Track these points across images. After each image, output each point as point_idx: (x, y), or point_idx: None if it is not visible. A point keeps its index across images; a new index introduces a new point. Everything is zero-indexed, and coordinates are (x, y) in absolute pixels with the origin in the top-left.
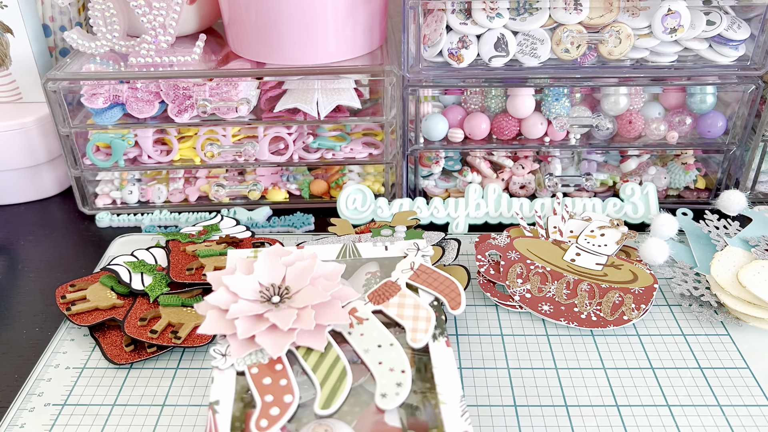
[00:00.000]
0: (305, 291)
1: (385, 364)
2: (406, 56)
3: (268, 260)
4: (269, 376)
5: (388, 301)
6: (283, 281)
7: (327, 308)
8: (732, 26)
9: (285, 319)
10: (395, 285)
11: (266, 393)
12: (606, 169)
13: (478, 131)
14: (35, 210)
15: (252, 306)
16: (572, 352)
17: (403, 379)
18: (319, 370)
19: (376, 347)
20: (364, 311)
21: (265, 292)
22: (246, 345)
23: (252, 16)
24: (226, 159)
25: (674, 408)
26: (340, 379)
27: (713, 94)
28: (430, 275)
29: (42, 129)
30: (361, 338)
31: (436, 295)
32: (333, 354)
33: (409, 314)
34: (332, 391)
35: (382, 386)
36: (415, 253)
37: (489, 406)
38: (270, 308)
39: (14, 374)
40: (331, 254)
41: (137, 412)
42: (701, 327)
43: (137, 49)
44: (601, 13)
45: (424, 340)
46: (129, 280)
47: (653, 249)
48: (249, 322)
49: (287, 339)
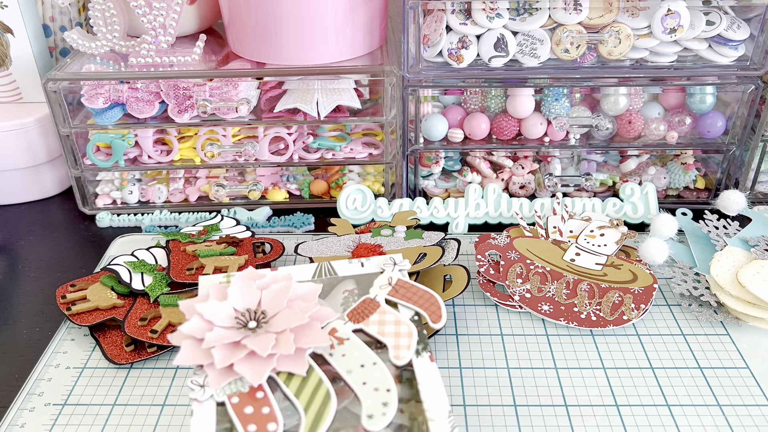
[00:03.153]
0: (282, 314)
1: (369, 384)
2: (406, 56)
3: (242, 284)
4: (251, 404)
5: (368, 319)
6: (258, 305)
7: (306, 330)
8: (731, 26)
9: (263, 344)
10: (374, 302)
11: (249, 422)
12: (606, 169)
13: (478, 131)
14: (36, 210)
15: (228, 333)
16: (572, 352)
17: (388, 398)
18: (302, 395)
19: (359, 367)
20: (344, 331)
21: (240, 318)
22: (225, 374)
23: (252, 16)
24: (226, 159)
25: (674, 408)
26: (325, 403)
27: (713, 94)
28: (409, 290)
29: (42, 129)
30: (343, 359)
31: (416, 310)
32: (315, 377)
33: (390, 331)
34: (317, 416)
35: (367, 407)
36: (392, 268)
37: (489, 406)
38: (247, 334)
39: (14, 374)
40: (307, 274)
41: (137, 412)
42: (701, 327)
43: (137, 49)
44: (601, 14)
45: (407, 356)
46: (129, 280)
47: (653, 249)
48: (226, 350)
49: (267, 365)
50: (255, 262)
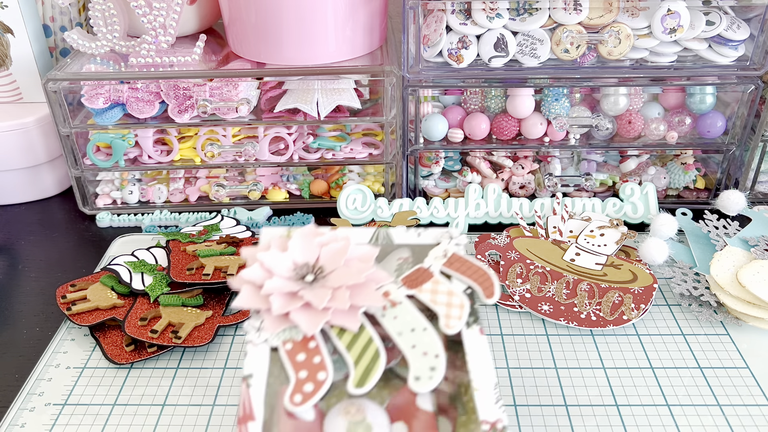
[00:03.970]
0: (339, 271)
1: (418, 348)
2: (406, 56)
3: (302, 239)
4: (303, 352)
5: (422, 287)
6: (317, 261)
7: (361, 289)
8: (731, 26)
9: (320, 297)
10: (428, 271)
11: (300, 369)
12: (605, 169)
13: (478, 131)
14: (36, 210)
15: (286, 283)
16: (572, 352)
17: (436, 363)
18: (352, 350)
19: (410, 331)
20: (397, 295)
21: (299, 271)
22: (280, 321)
23: (252, 16)
24: (227, 159)
25: (674, 408)
26: (374, 360)
27: (713, 94)
28: (463, 264)
29: (42, 129)
30: (394, 321)
31: (469, 284)
32: (366, 335)
33: (442, 300)
34: (366, 371)
35: (415, 369)
36: (448, 241)
37: None
38: (304, 286)
39: (15, 374)
40: (364, 238)
41: (137, 411)
42: (701, 327)
43: (137, 49)
44: (601, 14)
45: (457, 326)
46: (129, 280)
47: (653, 249)
48: (283, 298)
49: (322, 317)
50: None
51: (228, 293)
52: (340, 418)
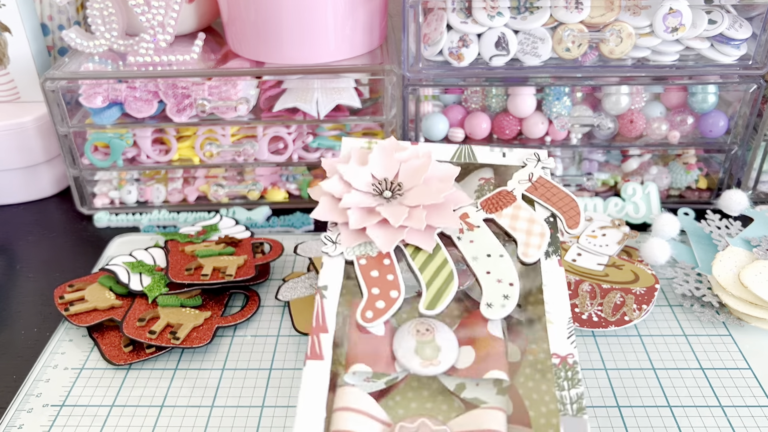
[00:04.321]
0: (418, 190)
1: (493, 274)
2: (406, 55)
3: (383, 153)
4: (377, 269)
5: (501, 211)
6: (396, 177)
7: (438, 210)
8: (733, 25)
9: (396, 215)
10: (510, 195)
11: (373, 285)
12: (607, 169)
13: (479, 131)
14: (33, 210)
15: (364, 198)
16: None
17: (510, 291)
18: (426, 271)
19: (485, 256)
20: (475, 218)
21: (377, 186)
22: (356, 236)
23: (251, 14)
24: (225, 159)
25: (676, 408)
26: (447, 282)
27: (715, 93)
28: (549, 189)
29: (40, 128)
30: (470, 245)
31: (552, 211)
32: (441, 256)
33: (522, 227)
34: (438, 293)
35: (488, 296)
36: (534, 164)
37: None
38: (381, 202)
39: (12, 375)
40: (447, 155)
41: (136, 413)
42: (703, 327)
43: (136, 48)
44: (603, 12)
45: (536, 255)
46: (128, 281)
47: (655, 249)
48: (361, 213)
49: (397, 235)
50: (254, 262)
51: (227, 294)
52: (410, 336)
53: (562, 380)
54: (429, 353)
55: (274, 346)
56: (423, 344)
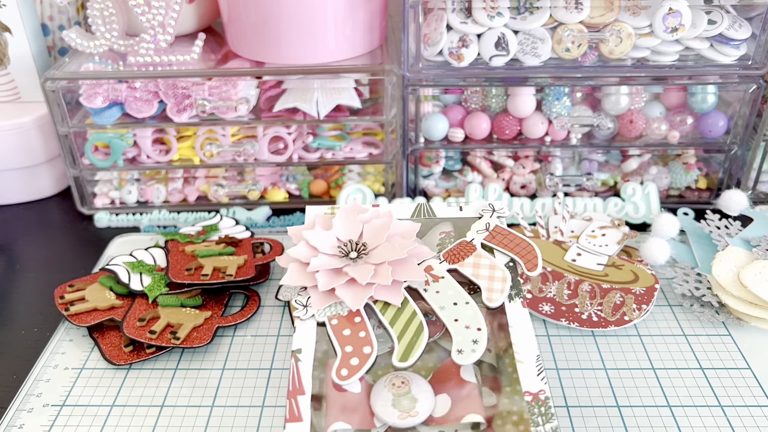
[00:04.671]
0: (382, 248)
1: (461, 321)
2: (406, 55)
3: (345, 217)
4: (348, 327)
5: (464, 261)
6: (360, 237)
7: (403, 265)
8: (733, 25)
9: (363, 273)
10: (470, 245)
11: (346, 344)
12: (607, 169)
13: (479, 131)
14: (34, 210)
15: (331, 260)
16: (573, 353)
17: (479, 336)
18: (396, 324)
19: (452, 305)
20: (439, 269)
21: (343, 248)
22: (326, 297)
23: (251, 15)
24: (226, 159)
25: (675, 408)
26: (417, 334)
27: (714, 93)
28: (506, 236)
29: (40, 129)
30: (436, 295)
31: (511, 257)
32: (410, 309)
33: (484, 274)
34: (409, 345)
35: (458, 342)
36: (490, 214)
37: None
38: (348, 263)
39: (12, 375)
40: (406, 213)
41: (136, 412)
42: (702, 327)
43: (136, 48)
44: (602, 12)
45: (500, 299)
46: (128, 281)
47: (654, 249)
48: (329, 275)
49: (366, 292)
50: (254, 262)
51: (227, 294)
52: (386, 390)
53: (536, 416)
54: (406, 405)
55: (274, 346)
56: (399, 397)
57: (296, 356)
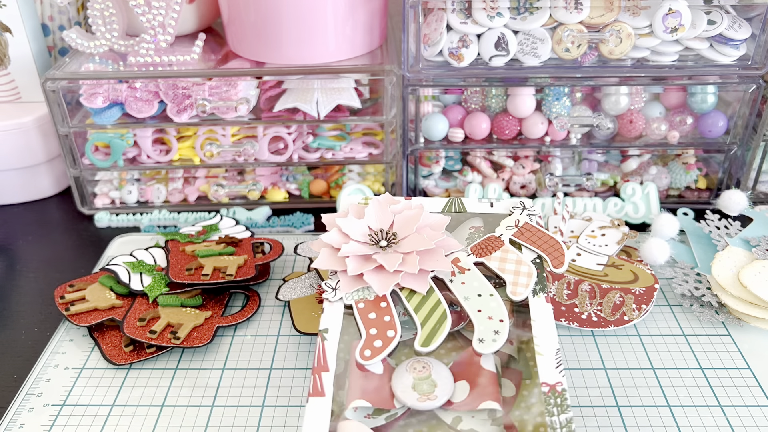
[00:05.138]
0: (411, 238)
1: (484, 312)
2: (406, 55)
3: (378, 207)
4: (374, 311)
5: (491, 255)
6: (390, 227)
7: (431, 255)
8: (733, 26)
9: (391, 261)
10: (498, 240)
11: (371, 326)
12: (607, 169)
13: (479, 131)
14: (34, 210)
15: (361, 247)
16: (572, 353)
17: (500, 327)
18: (420, 311)
19: (476, 296)
20: (466, 262)
21: (373, 236)
22: (354, 282)
23: (251, 15)
24: (226, 159)
25: (675, 408)
26: (440, 321)
27: (714, 93)
28: (534, 233)
29: (41, 129)
30: (462, 286)
31: (539, 253)
32: (434, 298)
33: (510, 269)
34: (432, 331)
35: (479, 332)
36: (520, 212)
37: None
38: (377, 251)
39: (13, 374)
40: (437, 207)
41: (136, 412)
42: (702, 327)
43: (136, 48)
44: (602, 13)
45: (524, 293)
46: (128, 281)
47: (654, 249)
48: (358, 261)
49: (393, 279)
50: (254, 262)
51: (227, 294)
52: (407, 373)
53: (552, 406)
54: (426, 389)
55: (274, 346)
56: (420, 380)
57: (323, 335)
